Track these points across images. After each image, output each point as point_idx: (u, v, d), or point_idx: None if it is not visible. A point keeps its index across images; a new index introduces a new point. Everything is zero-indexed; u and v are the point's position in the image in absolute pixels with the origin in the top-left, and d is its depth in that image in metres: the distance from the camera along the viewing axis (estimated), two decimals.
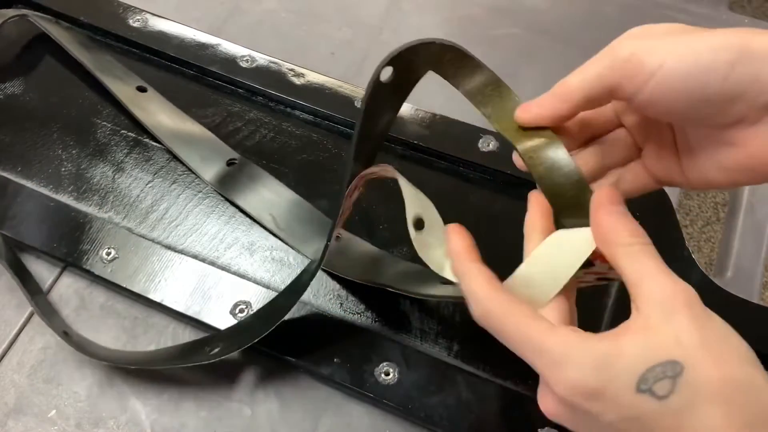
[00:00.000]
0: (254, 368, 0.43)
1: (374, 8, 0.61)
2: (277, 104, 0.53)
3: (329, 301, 0.45)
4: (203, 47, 0.54)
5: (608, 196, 0.29)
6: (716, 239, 1.14)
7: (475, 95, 0.33)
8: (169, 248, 0.46)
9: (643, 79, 0.27)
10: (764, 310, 0.43)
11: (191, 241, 0.47)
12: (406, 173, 0.36)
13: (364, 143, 0.35)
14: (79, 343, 0.42)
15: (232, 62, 0.54)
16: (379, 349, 0.42)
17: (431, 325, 0.44)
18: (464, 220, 0.47)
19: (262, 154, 0.50)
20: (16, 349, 0.44)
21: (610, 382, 0.25)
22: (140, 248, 0.45)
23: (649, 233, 0.46)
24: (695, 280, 0.44)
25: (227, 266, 0.46)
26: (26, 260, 0.46)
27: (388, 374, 0.41)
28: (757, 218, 0.52)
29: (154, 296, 0.44)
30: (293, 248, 0.46)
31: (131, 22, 0.55)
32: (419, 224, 0.34)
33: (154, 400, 0.42)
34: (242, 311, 0.43)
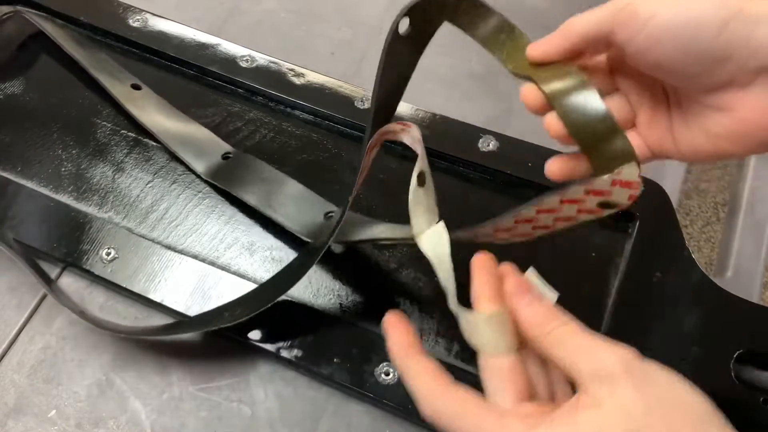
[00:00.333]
0: (254, 368, 0.43)
1: (374, 8, 0.61)
2: (277, 104, 0.53)
3: (329, 301, 0.45)
4: (203, 47, 0.54)
5: (516, 287, 0.29)
6: (716, 239, 1.14)
7: (489, 40, 0.34)
8: (169, 248, 0.46)
9: (635, 27, 0.28)
10: (764, 310, 0.43)
11: (191, 241, 0.47)
12: (406, 173, 0.36)
13: (381, 104, 0.35)
14: (95, 320, 0.43)
15: (232, 62, 0.54)
16: (379, 349, 0.42)
17: (431, 325, 0.44)
18: (464, 220, 0.48)
19: (262, 154, 0.50)
20: (16, 349, 0.44)
21: None
22: (140, 248, 0.45)
23: (649, 233, 0.46)
24: (695, 280, 0.44)
25: (227, 266, 0.46)
26: None
27: (388, 374, 0.41)
28: (757, 218, 0.52)
29: (154, 296, 0.44)
30: (294, 233, 0.46)
31: (131, 21, 0.55)
32: (421, 178, 0.35)
33: (154, 400, 0.42)
34: None
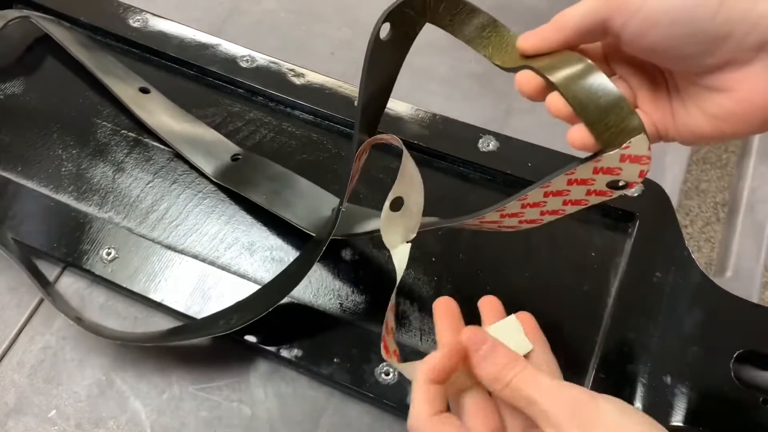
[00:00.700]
0: (254, 368, 0.43)
1: (374, 8, 0.61)
2: (277, 104, 0.53)
3: (329, 301, 0.45)
4: (203, 47, 0.54)
5: (472, 338, 0.30)
6: (716, 239, 1.14)
7: (473, 39, 0.34)
8: (169, 248, 0.46)
9: (631, 11, 0.28)
10: (764, 310, 0.43)
11: (191, 241, 0.47)
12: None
13: (368, 107, 0.35)
14: (92, 326, 0.43)
15: (232, 62, 0.54)
16: (379, 349, 0.42)
17: (431, 325, 0.44)
18: None
19: (262, 154, 0.50)
20: (16, 349, 0.44)
21: None
22: (140, 248, 0.45)
23: (649, 233, 0.46)
24: (695, 280, 0.44)
25: (227, 266, 0.46)
26: None
27: (388, 374, 0.41)
28: (757, 218, 0.52)
29: (154, 296, 0.44)
30: (303, 230, 0.46)
31: (131, 22, 0.55)
32: (396, 205, 0.35)
33: (154, 400, 0.42)
34: None
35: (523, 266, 0.46)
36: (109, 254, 0.45)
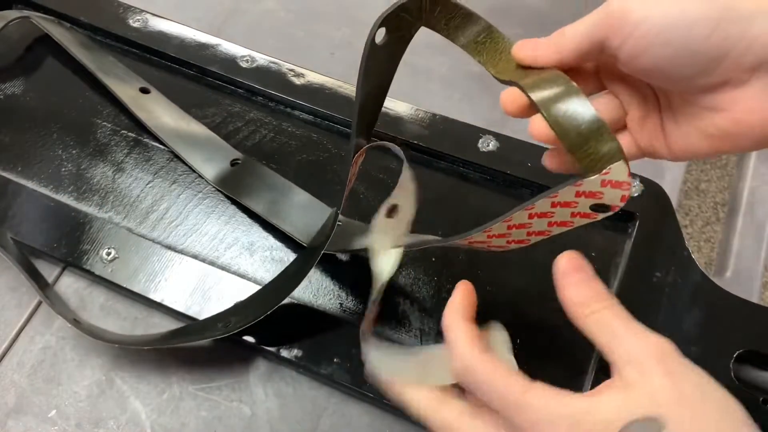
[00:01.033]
0: (254, 368, 0.43)
1: (374, 8, 0.61)
2: (277, 104, 0.53)
3: (329, 301, 0.45)
4: (203, 47, 0.54)
5: (569, 264, 0.29)
6: (716, 239, 1.14)
7: (468, 44, 0.34)
8: (169, 248, 0.46)
9: (627, 31, 0.28)
10: (764, 310, 0.43)
11: (191, 241, 0.47)
12: None
13: (364, 110, 0.35)
14: (89, 329, 0.43)
15: (232, 62, 0.54)
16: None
17: (431, 325, 0.44)
18: (464, 220, 0.48)
19: (262, 154, 0.50)
20: (16, 349, 0.44)
21: None
22: (140, 248, 0.45)
23: (649, 233, 0.46)
24: (695, 280, 0.44)
25: (227, 266, 0.46)
26: None
27: None
28: (757, 218, 0.52)
29: (154, 296, 0.44)
30: (300, 243, 0.46)
31: (131, 22, 0.55)
32: (392, 212, 0.35)
33: (154, 400, 0.42)
34: None
35: (523, 266, 0.46)
36: (109, 254, 0.45)
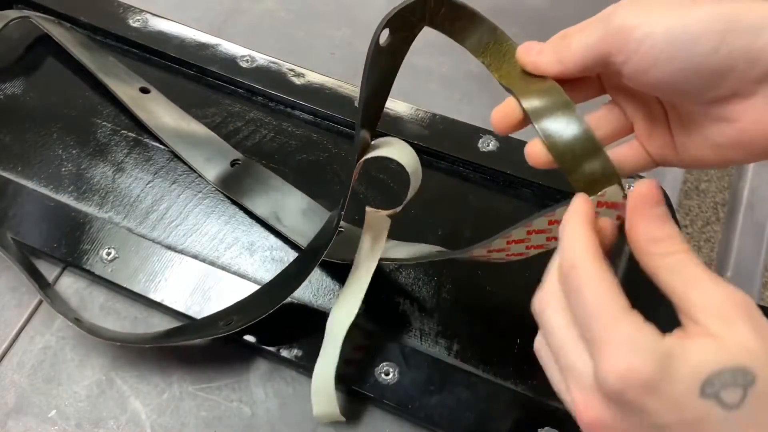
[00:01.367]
0: (254, 368, 0.43)
1: (374, 8, 0.61)
2: (277, 104, 0.53)
3: (329, 301, 0.45)
4: (203, 47, 0.54)
5: (647, 195, 0.26)
6: (716, 239, 1.14)
7: (473, 46, 0.34)
8: (169, 248, 0.46)
9: (631, 48, 0.27)
10: (764, 310, 0.43)
11: (191, 241, 0.47)
12: (406, 174, 0.36)
13: (368, 107, 0.35)
14: (91, 328, 0.43)
15: (232, 62, 0.54)
16: (379, 349, 0.42)
17: (431, 325, 0.44)
18: (464, 220, 0.48)
19: (262, 154, 0.50)
20: (16, 349, 0.44)
21: (672, 377, 0.23)
22: (140, 248, 0.45)
23: None
24: None
25: (227, 266, 0.46)
26: None
27: (388, 374, 0.41)
28: (757, 218, 0.52)
29: (154, 296, 0.44)
30: (299, 246, 0.46)
31: (131, 22, 0.55)
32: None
33: (154, 400, 0.42)
34: None
35: (523, 266, 0.46)
36: (109, 254, 0.45)
